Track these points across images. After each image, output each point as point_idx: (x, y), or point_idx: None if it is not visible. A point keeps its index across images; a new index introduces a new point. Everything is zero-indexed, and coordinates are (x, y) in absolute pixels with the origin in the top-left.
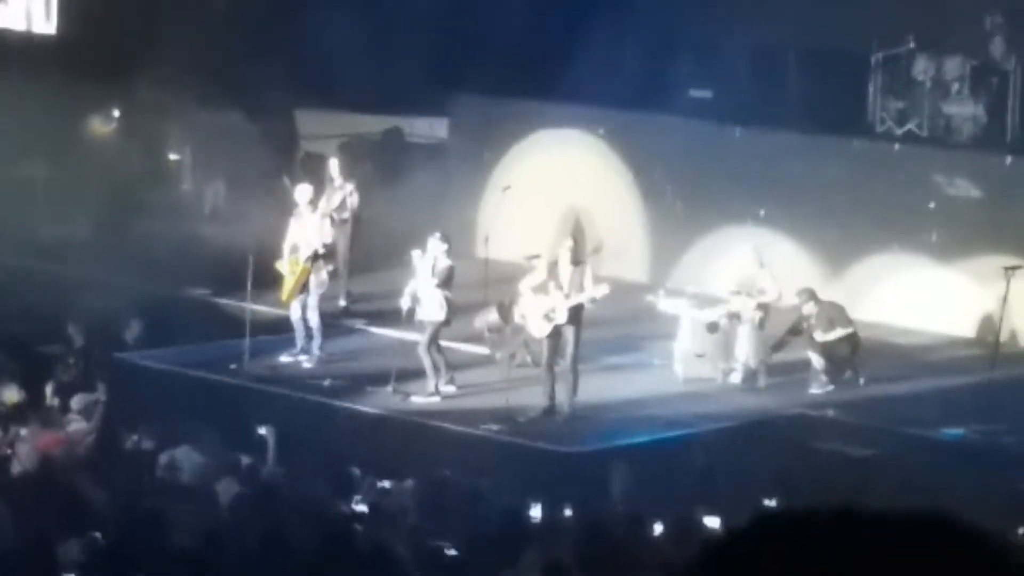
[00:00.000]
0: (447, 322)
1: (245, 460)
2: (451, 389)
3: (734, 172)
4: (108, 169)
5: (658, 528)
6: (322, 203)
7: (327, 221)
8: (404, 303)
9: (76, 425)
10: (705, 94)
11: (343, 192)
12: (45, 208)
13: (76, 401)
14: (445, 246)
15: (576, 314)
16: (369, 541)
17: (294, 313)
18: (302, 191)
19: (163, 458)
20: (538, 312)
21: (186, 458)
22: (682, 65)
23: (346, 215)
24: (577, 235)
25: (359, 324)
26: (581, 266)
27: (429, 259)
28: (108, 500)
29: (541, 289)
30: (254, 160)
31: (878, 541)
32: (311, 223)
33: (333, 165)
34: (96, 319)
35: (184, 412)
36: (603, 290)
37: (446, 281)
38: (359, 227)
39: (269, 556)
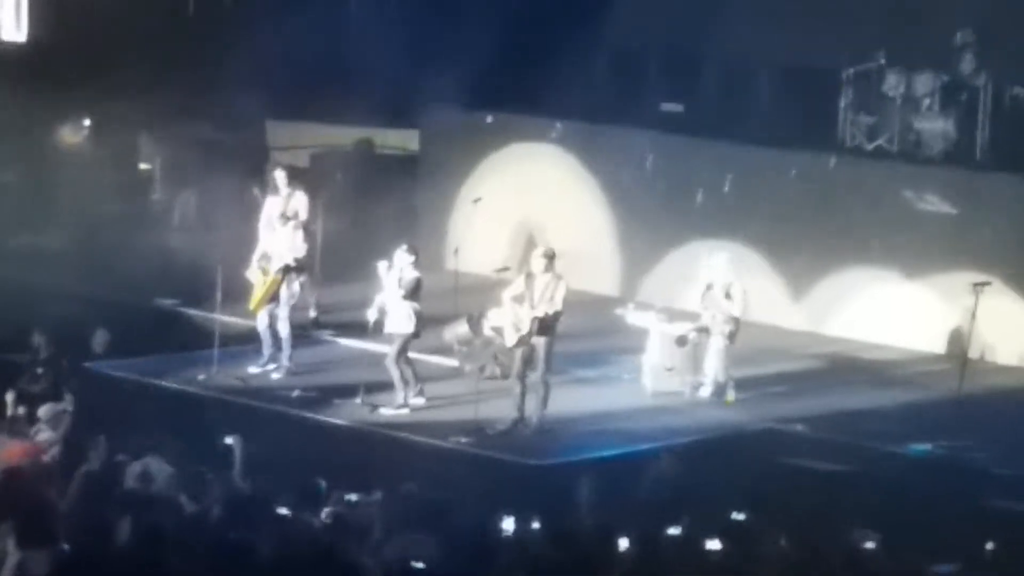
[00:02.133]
0: (416, 334)
1: (213, 471)
2: (420, 401)
3: (705, 186)
4: (78, 179)
5: (625, 542)
6: (266, 211)
7: (299, 233)
8: (371, 315)
9: (44, 435)
10: (676, 108)
11: (292, 200)
12: (14, 216)
13: (44, 411)
14: (412, 258)
15: (547, 326)
16: (337, 553)
17: (261, 323)
18: (273, 203)
19: (132, 468)
20: (510, 322)
21: (155, 469)
22: (654, 79)
23: (299, 223)
24: (548, 247)
25: (328, 335)
26: (553, 279)
27: (396, 271)
28: (75, 510)
29: (519, 299)
30: (224, 171)
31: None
32: (283, 234)
33: (280, 176)
34: (65, 328)
35: (153, 423)
36: (559, 305)
37: (413, 293)
38: (318, 237)
39: (237, 567)
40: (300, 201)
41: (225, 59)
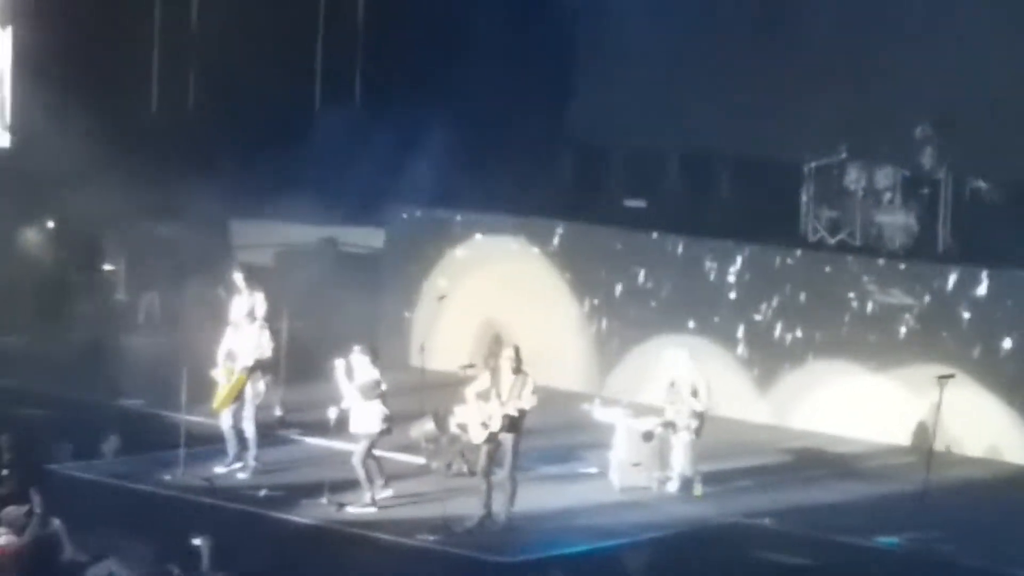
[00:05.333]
0: (385, 431)
1: (180, 572)
2: (388, 493)
3: (669, 281)
4: (42, 279)
5: None
6: (231, 313)
7: (266, 332)
8: (331, 414)
9: (6, 539)
10: (639, 203)
11: (251, 300)
12: None
13: (6, 514)
14: (367, 358)
15: (514, 423)
16: None
17: (225, 423)
18: (239, 301)
19: (98, 570)
20: (476, 419)
21: (121, 570)
22: (616, 175)
23: (256, 324)
24: (516, 344)
25: (294, 434)
26: (521, 376)
27: (355, 373)
28: None
29: (485, 396)
30: (189, 271)
31: None
32: (249, 334)
33: (238, 277)
34: (29, 430)
35: (118, 524)
36: (529, 401)
37: (369, 393)
38: (283, 336)
39: None
40: (258, 300)
41: (189, 159)
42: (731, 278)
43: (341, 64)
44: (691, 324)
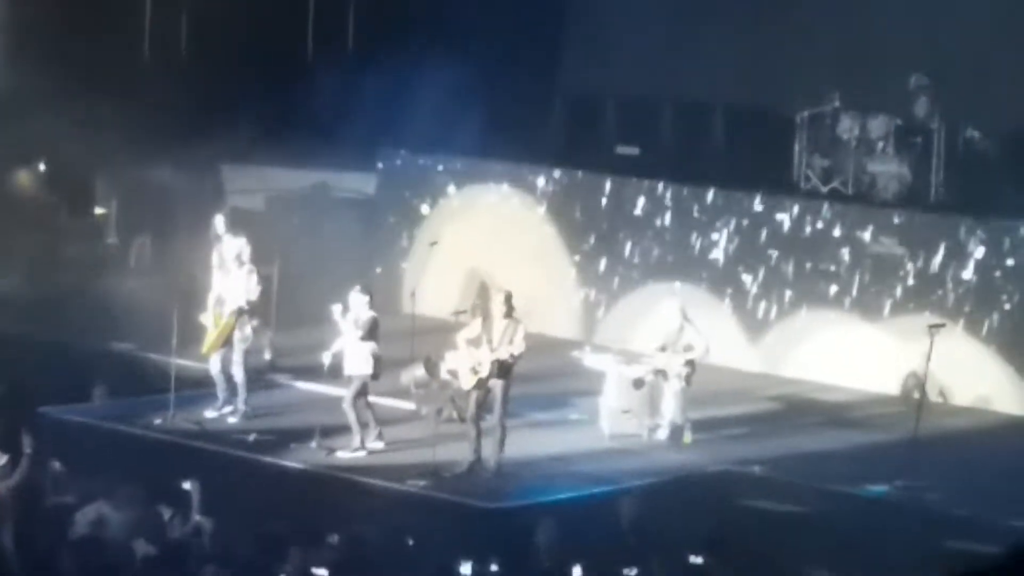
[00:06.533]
0: (375, 376)
1: (170, 515)
2: (380, 445)
3: (661, 229)
4: (33, 222)
5: None
6: (213, 258)
7: (254, 276)
8: (327, 358)
9: None
10: (632, 151)
11: (236, 245)
12: None
13: None
14: (367, 298)
15: (504, 369)
16: None
17: (214, 367)
18: (229, 245)
19: (88, 513)
20: (466, 365)
21: (111, 513)
22: (609, 122)
23: (245, 268)
24: (508, 290)
25: (285, 379)
26: (512, 322)
27: (351, 313)
28: (31, 556)
29: (475, 342)
30: (180, 214)
31: None
32: (238, 277)
33: (219, 221)
34: (20, 373)
35: (108, 467)
36: (519, 347)
37: (370, 333)
38: (274, 280)
39: None
40: (241, 245)
41: (181, 103)
42: (723, 226)
43: (334, 9)
44: (683, 272)
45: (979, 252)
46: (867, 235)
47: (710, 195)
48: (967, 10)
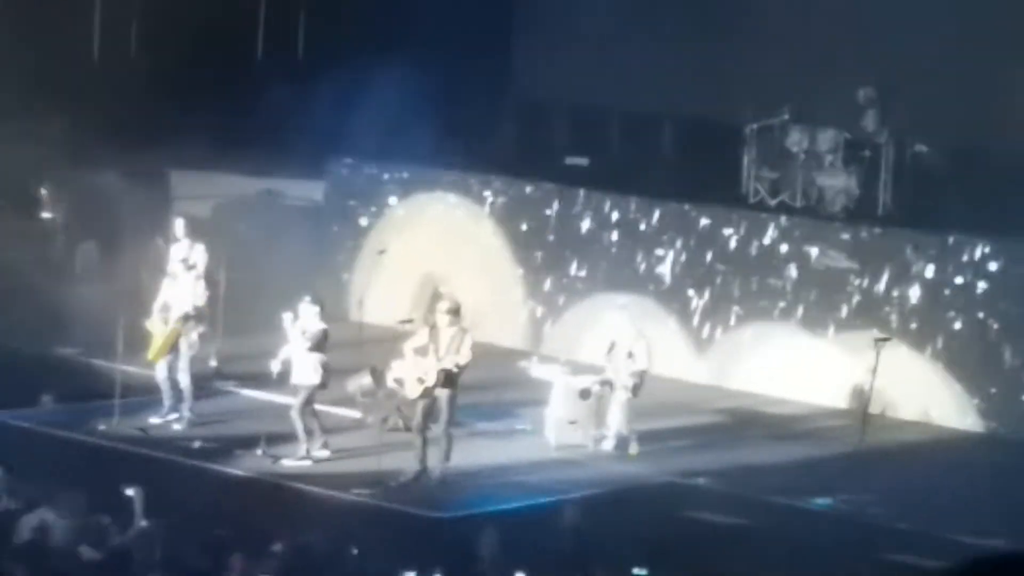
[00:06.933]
0: (323, 385)
1: (113, 522)
2: (325, 453)
3: (609, 239)
4: None
5: None
6: (169, 263)
7: (201, 283)
8: (275, 366)
9: None
10: (581, 162)
11: (191, 251)
12: None
13: None
14: (317, 309)
15: (450, 378)
16: None
17: (160, 373)
18: (176, 251)
19: (31, 519)
20: (413, 374)
21: (55, 519)
22: (559, 132)
23: (196, 274)
24: (454, 300)
25: (230, 386)
26: (460, 332)
27: (301, 322)
28: None
29: (422, 351)
30: (128, 220)
31: None
32: (184, 284)
33: (179, 225)
34: None
35: (52, 473)
36: (465, 357)
37: (319, 344)
38: (221, 287)
39: None
40: (199, 252)
41: (130, 109)
42: (670, 238)
43: (284, 16)
44: (630, 284)
45: (925, 266)
46: (815, 248)
47: (659, 206)
48: (916, 24)
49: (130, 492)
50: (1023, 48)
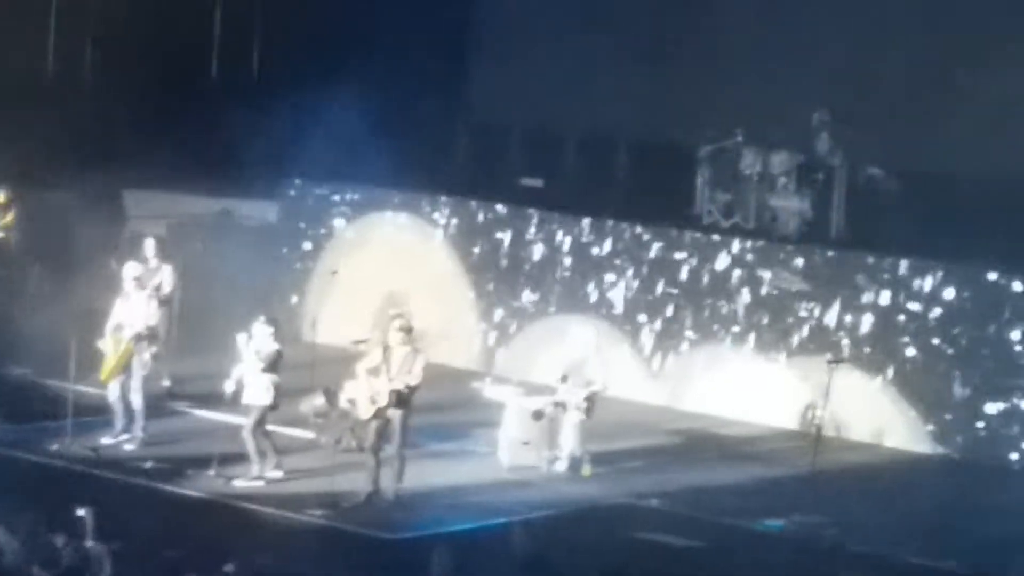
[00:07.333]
0: (274, 406)
1: (65, 542)
2: (278, 474)
3: (563, 261)
4: None
5: None
6: (124, 282)
7: (154, 302)
8: (228, 387)
9: None
10: (536, 183)
11: (159, 273)
12: None
13: None
14: (271, 330)
15: (402, 399)
16: None
17: (112, 393)
18: (129, 270)
19: None
20: (365, 395)
21: (5, 539)
22: (514, 153)
23: (163, 296)
24: (407, 320)
25: (183, 406)
26: (412, 352)
27: (255, 343)
28: None
29: (375, 372)
30: (80, 240)
31: None
32: (137, 303)
33: (149, 245)
34: None
35: (2, 493)
36: (417, 378)
37: (272, 365)
38: (174, 308)
39: None
40: (166, 274)
41: (84, 128)
42: (625, 259)
43: (239, 38)
44: (584, 304)
45: (878, 289)
46: (768, 270)
47: (613, 227)
48: (870, 48)
49: (82, 512)
50: (977, 72)
